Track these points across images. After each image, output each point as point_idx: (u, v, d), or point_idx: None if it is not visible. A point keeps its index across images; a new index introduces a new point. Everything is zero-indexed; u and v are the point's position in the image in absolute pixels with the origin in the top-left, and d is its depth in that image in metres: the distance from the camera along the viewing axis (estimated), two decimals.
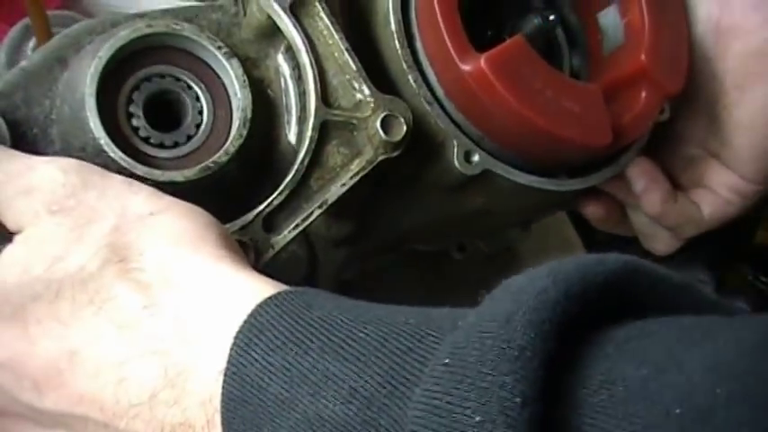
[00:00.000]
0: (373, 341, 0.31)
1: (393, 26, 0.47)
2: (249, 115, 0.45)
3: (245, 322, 0.34)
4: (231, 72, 0.45)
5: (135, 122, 0.44)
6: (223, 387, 0.33)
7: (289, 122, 0.47)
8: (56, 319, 0.36)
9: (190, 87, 0.46)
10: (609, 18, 0.54)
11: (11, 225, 0.39)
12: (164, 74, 0.46)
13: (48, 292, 0.36)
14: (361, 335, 0.32)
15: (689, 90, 0.53)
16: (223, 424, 0.33)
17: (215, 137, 0.45)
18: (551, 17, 0.51)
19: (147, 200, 0.39)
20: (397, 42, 0.47)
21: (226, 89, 0.46)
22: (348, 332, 0.32)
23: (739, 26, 0.51)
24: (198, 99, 0.46)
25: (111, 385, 0.34)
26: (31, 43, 0.62)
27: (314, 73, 0.45)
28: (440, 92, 0.48)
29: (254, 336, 0.33)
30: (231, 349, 0.33)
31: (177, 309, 0.35)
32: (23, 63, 0.44)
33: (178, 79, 0.46)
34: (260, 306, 0.34)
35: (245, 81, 0.45)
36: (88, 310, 0.36)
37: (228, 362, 0.33)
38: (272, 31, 0.46)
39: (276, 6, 0.45)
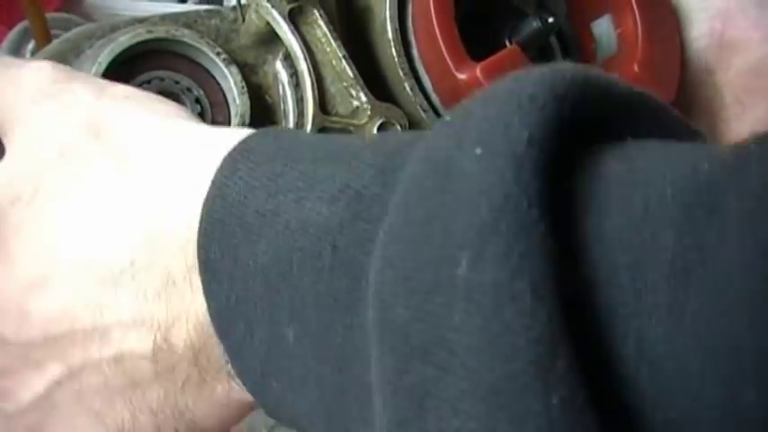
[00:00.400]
0: (371, 143, 0.28)
1: (390, 34, 0.48)
2: (247, 121, 0.46)
3: (233, 149, 0.31)
4: (230, 78, 0.46)
5: None
6: (201, 212, 0.31)
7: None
8: (33, 219, 0.34)
9: (189, 90, 0.46)
10: (602, 28, 0.54)
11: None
12: (163, 77, 0.46)
13: (27, 189, 0.34)
14: (358, 141, 0.30)
15: (689, 101, 0.54)
16: (199, 255, 0.31)
17: None
18: (550, 20, 0.52)
19: (127, 88, 0.38)
20: (393, 50, 0.48)
21: (224, 95, 0.47)
22: (345, 142, 0.30)
23: (742, 41, 0.52)
24: (198, 101, 0.46)
25: (90, 272, 0.33)
26: (30, 45, 0.63)
27: (312, 80, 0.46)
28: (435, 100, 0.48)
29: (240, 156, 0.31)
30: (216, 173, 0.31)
31: (156, 169, 0.33)
32: None
33: (177, 82, 0.46)
34: (250, 135, 0.32)
35: (243, 87, 0.46)
36: (65, 194, 0.34)
37: (211, 185, 0.31)
38: (270, 38, 0.47)
39: (275, 13, 0.46)
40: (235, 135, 0.33)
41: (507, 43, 0.52)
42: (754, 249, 0.20)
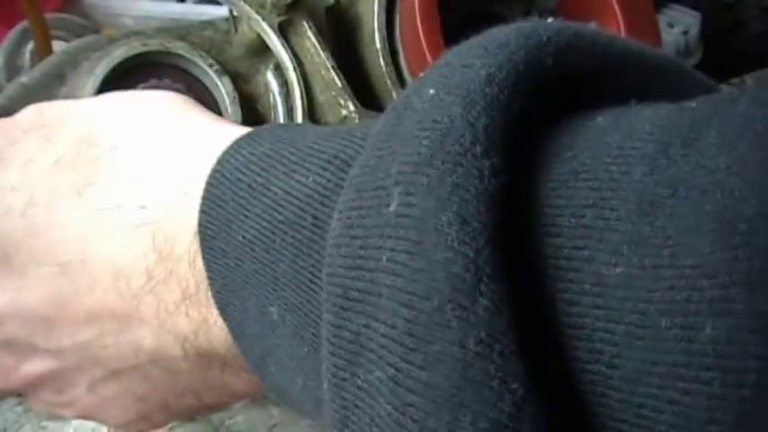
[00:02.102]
0: (371, 125, 0.26)
1: (378, 44, 0.49)
2: None
3: (241, 136, 0.31)
4: (222, 89, 0.47)
5: None
6: (203, 192, 0.30)
7: None
8: (31, 230, 0.33)
9: None
10: None
11: None
12: (157, 88, 0.48)
13: (18, 200, 0.34)
14: (362, 123, 0.30)
15: None
16: (200, 235, 0.30)
17: None
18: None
19: (117, 97, 0.37)
20: (381, 60, 0.49)
21: (217, 105, 0.48)
22: (349, 126, 0.30)
23: None
24: None
25: (111, 285, 0.32)
26: (30, 46, 0.64)
27: (301, 90, 0.47)
28: None
29: (245, 140, 0.30)
30: (220, 156, 0.30)
31: (157, 169, 0.32)
32: (23, 79, 0.46)
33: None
34: (261, 127, 0.32)
35: (235, 97, 0.47)
36: (65, 205, 0.33)
37: (214, 166, 0.30)
38: (261, 49, 0.48)
39: (265, 26, 0.47)
40: (239, 129, 0.33)
41: None
42: (727, 169, 0.18)
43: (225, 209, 0.29)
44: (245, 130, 0.32)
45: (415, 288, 0.20)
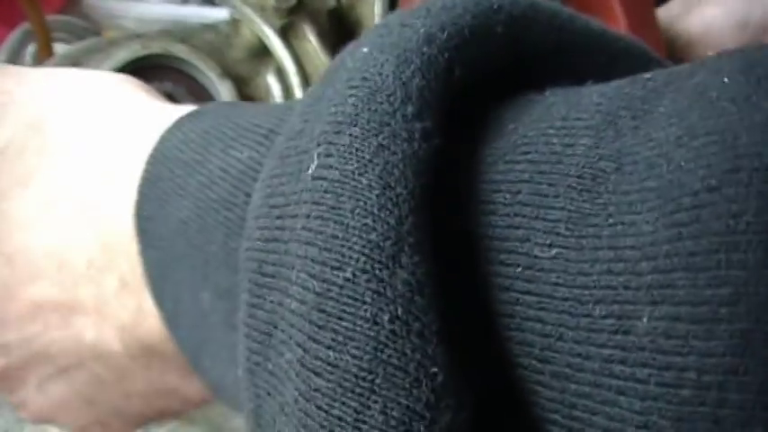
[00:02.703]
0: (308, 98, 0.24)
1: None
2: None
3: (184, 115, 0.29)
4: (223, 92, 0.47)
5: None
6: (142, 174, 0.28)
7: None
8: None
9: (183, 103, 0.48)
10: None
11: None
12: (158, 90, 0.48)
13: None
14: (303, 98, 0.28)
15: None
16: (136, 219, 0.28)
17: None
18: None
19: (66, 78, 0.35)
20: None
21: None
22: (291, 101, 0.29)
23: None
24: None
25: (54, 276, 0.31)
26: (31, 48, 0.64)
27: (302, 93, 0.47)
28: None
29: (187, 117, 0.28)
30: (162, 134, 0.29)
31: (103, 157, 0.30)
32: None
33: (172, 95, 0.48)
34: (197, 109, 0.30)
35: (236, 101, 0.47)
36: (12, 196, 0.32)
37: (155, 145, 0.28)
38: (262, 52, 0.48)
39: (266, 29, 0.47)
40: (185, 108, 0.31)
41: None
42: (677, 140, 0.16)
43: (161, 188, 0.27)
44: (189, 108, 0.31)
45: (327, 257, 0.17)
